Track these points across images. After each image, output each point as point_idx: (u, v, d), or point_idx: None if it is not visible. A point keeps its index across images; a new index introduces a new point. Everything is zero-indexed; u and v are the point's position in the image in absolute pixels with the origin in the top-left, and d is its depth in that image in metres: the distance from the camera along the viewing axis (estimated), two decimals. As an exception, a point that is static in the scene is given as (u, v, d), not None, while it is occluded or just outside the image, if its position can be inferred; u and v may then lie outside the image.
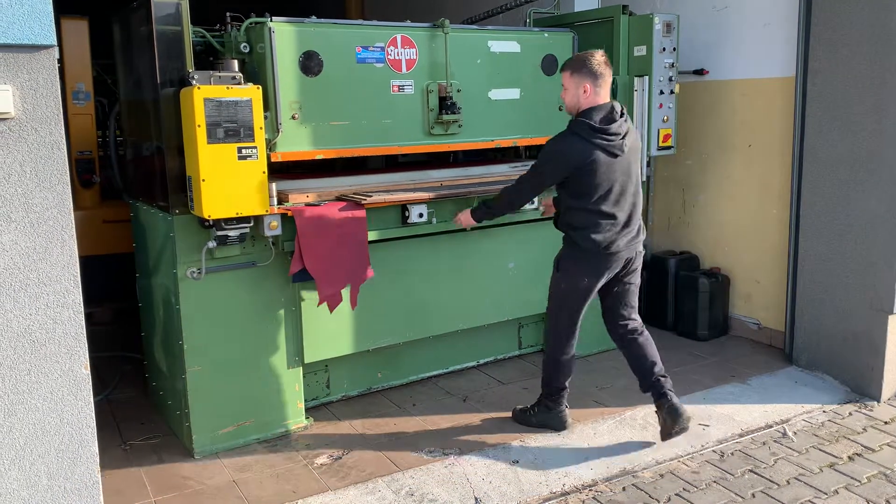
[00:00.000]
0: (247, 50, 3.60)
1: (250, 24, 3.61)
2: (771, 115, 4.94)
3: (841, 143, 4.30)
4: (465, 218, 3.94)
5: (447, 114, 4.12)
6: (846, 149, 4.28)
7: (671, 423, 3.64)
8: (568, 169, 3.47)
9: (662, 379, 3.71)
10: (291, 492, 3.35)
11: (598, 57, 3.50)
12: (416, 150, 4.23)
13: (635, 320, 3.79)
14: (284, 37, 3.65)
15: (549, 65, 4.54)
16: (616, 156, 3.47)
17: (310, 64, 3.73)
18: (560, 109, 4.41)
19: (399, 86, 4.03)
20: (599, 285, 3.66)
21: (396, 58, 4.00)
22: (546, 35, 4.53)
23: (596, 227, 3.51)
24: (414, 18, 4.20)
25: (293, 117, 3.72)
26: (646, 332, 3.79)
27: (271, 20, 3.61)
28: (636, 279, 3.74)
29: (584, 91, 3.49)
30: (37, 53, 2.32)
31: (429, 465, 3.54)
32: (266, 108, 3.56)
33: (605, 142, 3.44)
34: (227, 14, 3.65)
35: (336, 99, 3.86)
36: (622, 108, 3.54)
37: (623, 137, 3.48)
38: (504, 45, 4.32)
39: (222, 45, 3.65)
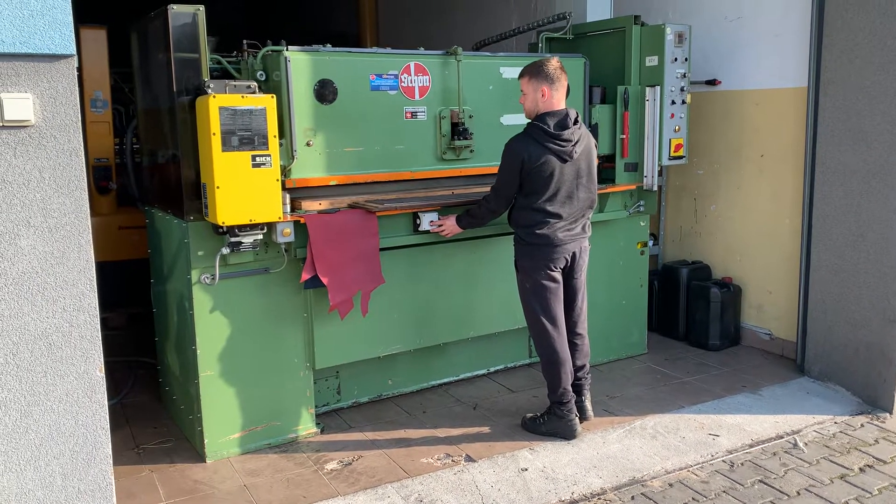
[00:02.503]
0: (263, 77, 3.64)
1: (267, 52, 3.65)
2: (783, 126, 4.94)
3: (853, 153, 4.30)
4: (451, 226, 4.00)
5: (459, 139, 4.18)
6: (859, 159, 4.27)
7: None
8: (522, 168, 3.66)
9: (583, 380, 4.03)
10: (301, 497, 3.38)
11: (554, 63, 3.71)
12: (429, 176, 4.24)
13: (577, 327, 3.99)
14: (300, 65, 3.70)
15: None
16: (566, 160, 3.67)
17: (324, 92, 3.78)
18: None
19: (412, 112, 4.09)
20: (559, 276, 3.81)
21: (410, 85, 4.06)
22: None
23: (541, 225, 3.72)
24: (426, 40, 4.21)
25: (308, 144, 3.77)
26: (582, 342, 4.00)
27: (287, 49, 3.65)
28: (582, 275, 3.93)
29: (543, 95, 3.69)
30: (56, 63, 2.38)
31: (438, 472, 3.56)
32: (281, 135, 3.60)
33: (558, 147, 3.64)
34: (244, 41, 3.69)
35: (350, 126, 3.91)
36: (576, 115, 3.73)
37: (575, 144, 3.68)
38: (516, 70, 4.17)
39: (238, 71, 3.71)
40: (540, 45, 5.01)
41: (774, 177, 5.03)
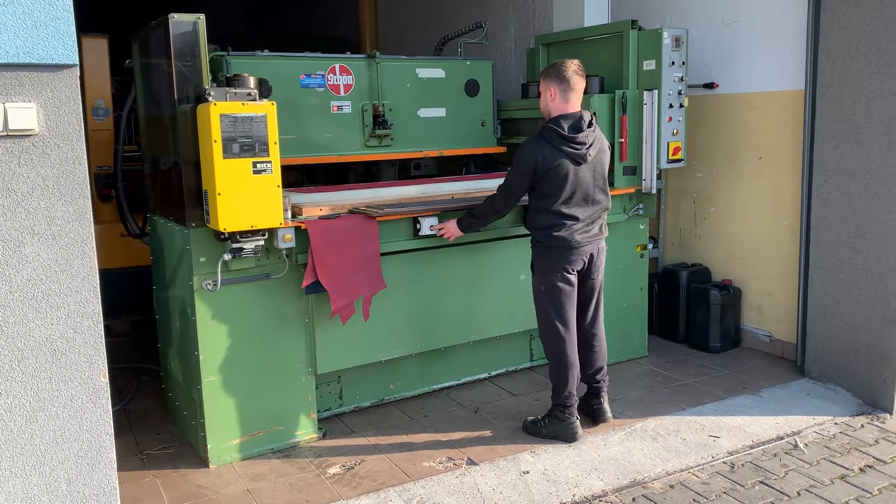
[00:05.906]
0: (210, 78, 3.81)
1: (212, 56, 3.95)
2: (781, 128, 4.96)
3: (851, 155, 4.32)
4: (452, 228, 4.02)
5: (380, 129, 4.74)
6: (857, 161, 4.29)
7: (590, 423, 4.04)
8: (535, 170, 3.67)
9: (601, 382, 4.07)
10: (304, 501, 3.39)
11: (571, 64, 3.72)
12: (354, 160, 4.80)
13: (594, 327, 4.03)
14: (240, 67, 4.11)
15: (472, 88, 5.13)
16: (580, 163, 3.69)
17: (260, 89, 4.17)
18: (482, 125, 5.19)
19: (338, 106, 4.66)
20: (574, 279, 3.82)
21: (335, 83, 4.63)
22: (468, 63, 5.12)
23: (557, 227, 3.73)
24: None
25: None
26: (599, 343, 4.04)
27: (229, 53, 4.14)
28: (599, 275, 3.95)
29: (551, 95, 3.72)
30: (60, 72, 2.41)
31: (440, 476, 3.57)
32: None
33: (572, 150, 3.66)
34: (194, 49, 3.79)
35: (284, 117, 4.19)
36: (591, 118, 3.74)
37: (589, 147, 3.69)
38: (430, 71, 4.99)
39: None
40: (459, 49, 5.39)
41: (773, 179, 5.05)
